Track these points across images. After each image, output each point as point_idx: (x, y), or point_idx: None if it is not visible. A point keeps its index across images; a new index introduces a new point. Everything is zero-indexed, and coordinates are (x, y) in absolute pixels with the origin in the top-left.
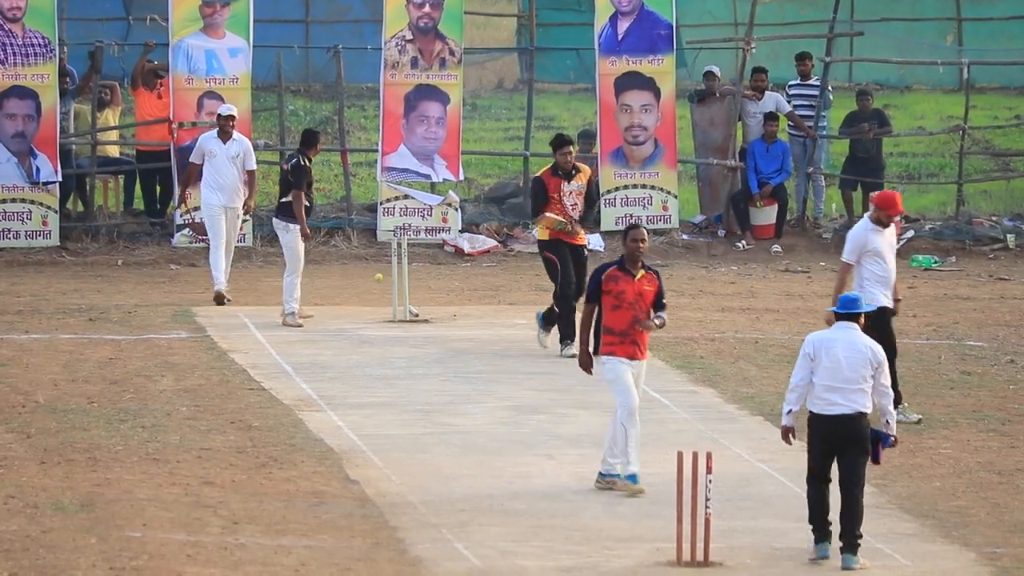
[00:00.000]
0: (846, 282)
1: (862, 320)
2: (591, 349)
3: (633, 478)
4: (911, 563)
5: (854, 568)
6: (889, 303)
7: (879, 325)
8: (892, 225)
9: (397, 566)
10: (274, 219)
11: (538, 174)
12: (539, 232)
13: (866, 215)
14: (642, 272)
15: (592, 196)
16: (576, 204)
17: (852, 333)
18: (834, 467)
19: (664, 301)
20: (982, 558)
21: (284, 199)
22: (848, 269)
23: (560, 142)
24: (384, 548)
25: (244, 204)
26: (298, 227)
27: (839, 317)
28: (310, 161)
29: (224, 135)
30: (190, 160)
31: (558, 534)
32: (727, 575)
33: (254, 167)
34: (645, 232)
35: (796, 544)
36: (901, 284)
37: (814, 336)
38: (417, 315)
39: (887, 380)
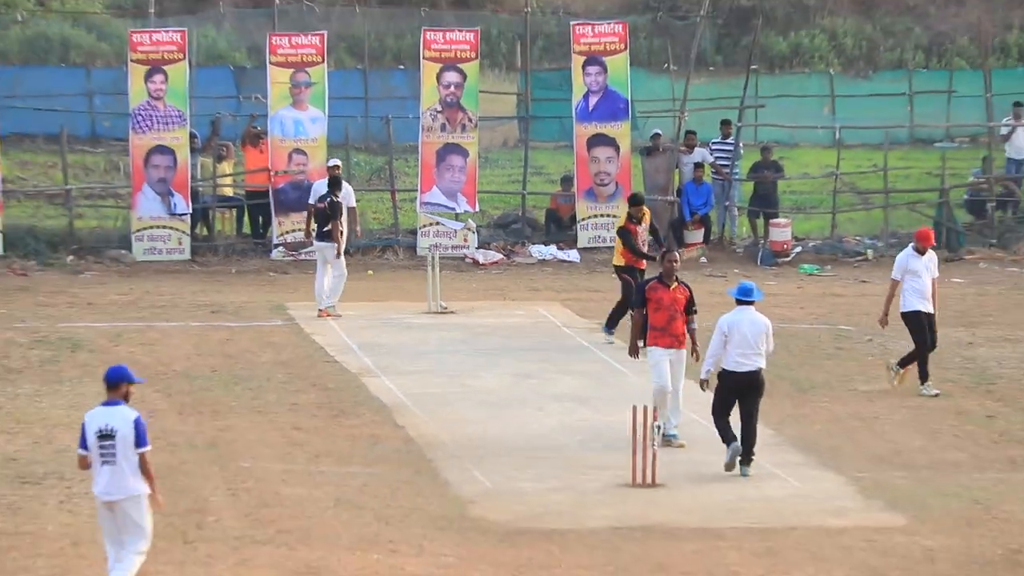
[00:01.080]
0: (894, 294)
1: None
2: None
3: (668, 436)
4: (800, 484)
5: (749, 475)
6: (924, 308)
7: (915, 323)
8: (929, 252)
9: (432, 487)
10: (319, 242)
11: (623, 225)
12: (615, 259)
13: (911, 244)
14: (676, 284)
15: (655, 231)
16: (645, 240)
17: (750, 313)
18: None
19: (695, 309)
20: (849, 480)
21: (325, 228)
22: (895, 285)
23: (637, 201)
24: (423, 474)
25: (352, 231)
26: (337, 246)
27: (739, 303)
28: (337, 197)
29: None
30: (309, 202)
31: (547, 464)
32: (669, 493)
33: (354, 204)
34: (678, 255)
35: (718, 471)
36: (796, 286)
37: (726, 318)
38: (446, 308)
39: (771, 342)
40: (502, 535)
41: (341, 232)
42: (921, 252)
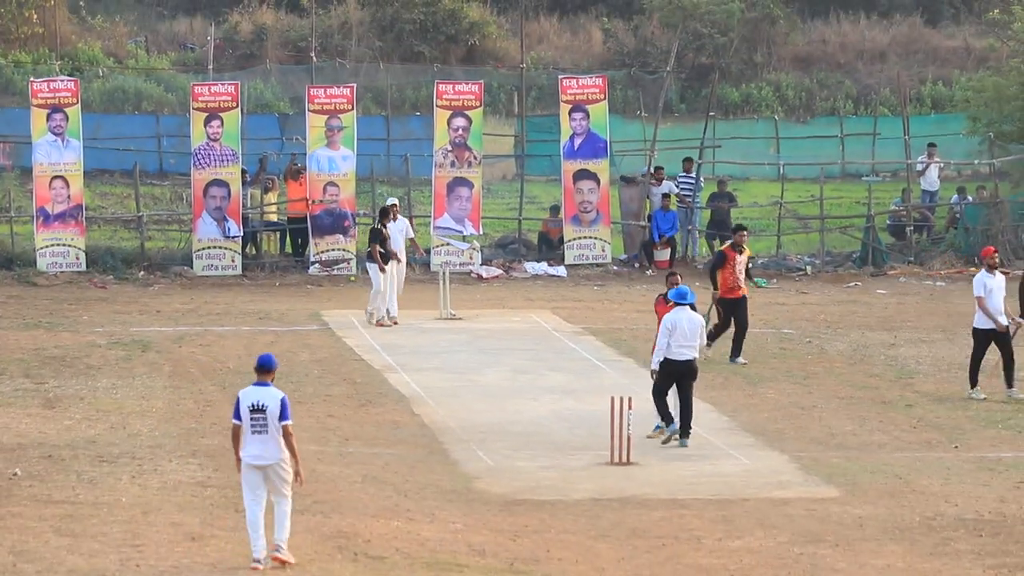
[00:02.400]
0: (984, 306)
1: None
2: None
3: (657, 427)
4: (750, 462)
5: (687, 446)
6: (1003, 322)
7: (981, 339)
8: (998, 272)
9: (443, 465)
10: (367, 262)
11: (722, 249)
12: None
13: (984, 267)
14: None
15: (748, 268)
16: (742, 271)
17: (688, 312)
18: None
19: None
20: (792, 459)
21: (368, 250)
22: (982, 300)
23: (739, 228)
24: (435, 454)
25: (408, 259)
26: (377, 266)
27: (676, 304)
28: (385, 226)
29: (393, 216)
30: (375, 228)
31: (539, 446)
32: (640, 469)
33: (412, 235)
34: (679, 276)
35: (682, 451)
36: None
37: (669, 316)
38: (455, 315)
39: (704, 338)
40: (502, 505)
41: (381, 253)
42: (991, 270)
